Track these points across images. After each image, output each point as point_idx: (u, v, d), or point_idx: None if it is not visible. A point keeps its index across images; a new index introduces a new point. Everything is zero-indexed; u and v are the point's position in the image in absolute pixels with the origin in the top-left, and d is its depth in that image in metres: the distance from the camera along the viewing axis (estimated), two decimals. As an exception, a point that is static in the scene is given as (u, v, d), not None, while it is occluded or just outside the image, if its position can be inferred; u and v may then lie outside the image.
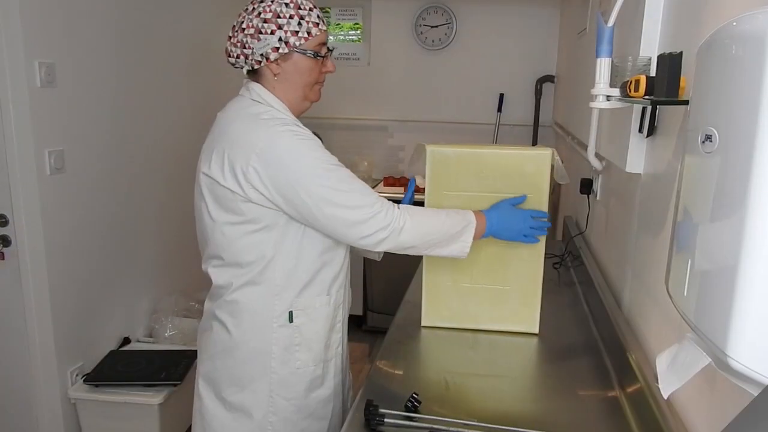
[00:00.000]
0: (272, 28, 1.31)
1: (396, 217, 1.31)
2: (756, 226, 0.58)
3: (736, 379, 0.64)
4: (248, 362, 1.39)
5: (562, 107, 3.29)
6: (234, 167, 1.28)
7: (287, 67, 1.35)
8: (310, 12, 1.34)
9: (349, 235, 1.32)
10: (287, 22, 1.31)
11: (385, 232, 1.31)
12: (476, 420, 1.20)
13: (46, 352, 2.24)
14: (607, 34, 1.27)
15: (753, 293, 0.59)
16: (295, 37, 1.32)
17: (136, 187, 2.67)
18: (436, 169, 1.54)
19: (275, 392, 1.39)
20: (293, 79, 1.37)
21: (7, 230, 2.13)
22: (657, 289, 1.29)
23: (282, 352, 1.38)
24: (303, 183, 1.26)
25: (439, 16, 3.87)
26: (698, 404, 1.04)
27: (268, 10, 1.31)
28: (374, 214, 1.30)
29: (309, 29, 1.33)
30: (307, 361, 1.40)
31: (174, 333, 2.70)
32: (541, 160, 1.49)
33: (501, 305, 1.60)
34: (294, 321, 1.38)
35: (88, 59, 2.33)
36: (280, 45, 1.32)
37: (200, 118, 3.17)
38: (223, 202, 1.32)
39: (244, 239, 1.33)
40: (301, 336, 1.39)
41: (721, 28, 0.65)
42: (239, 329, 1.39)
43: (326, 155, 1.31)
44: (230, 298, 1.38)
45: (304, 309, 1.38)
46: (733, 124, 0.61)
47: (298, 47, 1.33)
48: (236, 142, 1.29)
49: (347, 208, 1.29)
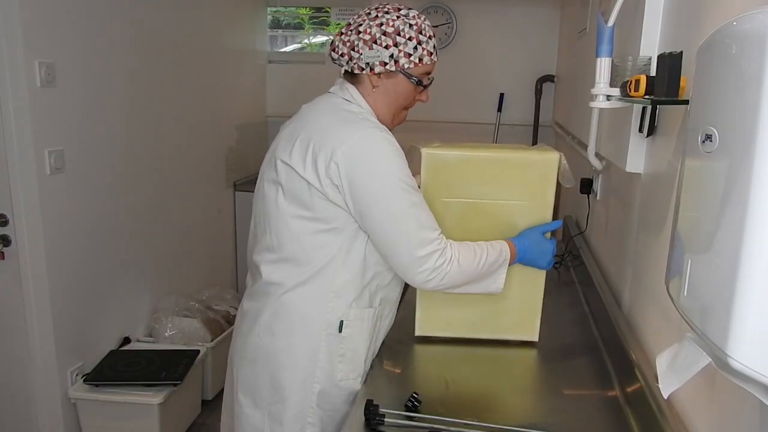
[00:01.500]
0: (388, 43, 1.29)
1: (447, 259, 1.26)
2: (756, 225, 0.57)
3: (736, 379, 0.64)
4: (291, 369, 1.33)
5: (562, 107, 3.29)
6: (317, 159, 1.24)
7: (388, 84, 1.33)
8: (429, 40, 1.32)
9: (401, 264, 1.28)
10: (405, 42, 1.29)
11: (434, 274, 1.26)
12: (476, 420, 1.20)
13: (46, 352, 2.24)
14: (607, 34, 1.27)
15: (753, 293, 0.59)
16: (407, 59, 1.30)
17: (136, 187, 2.67)
18: (431, 174, 1.42)
19: (315, 403, 1.34)
20: (389, 97, 1.35)
21: (7, 230, 2.13)
22: (657, 289, 1.29)
23: (327, 363, 1.33)
24: (379, 193, 1.23)
25: (439, 16, 3.87)
26: (698, 404, 1.04)
27: (391, 24, 1.29)
28: (432, 251, 1.25)
29: (422, 56, 1.31)
30: (348, 373, 1.35)
31: (174, 333, 2.70)
32: (547, 165, 1.40)
33: (500, 313, 1.52)
34: (343, 331, 1.33)
35: (88, 59, 2.33)
36: (390, 62, 1.30)
37: (201, 117, 3.17)
38: (297, 194, 1.28)
39: (309, 237, 1.29)
40: (346, 347, 1.34)
41: (721, 28, 0.65)
42: (287, 334, 1.33)
43: (410, 174, 1.27)
44: (282, 299, 1.33)
45: (354, 319, 1.34)
46: (733, 124, 0.61)
47: (405, 69, 1.31)
48: (326, 135, 1.26)
49: (409, 238, 1.24)
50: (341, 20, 3.99)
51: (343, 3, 3.96)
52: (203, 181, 3.26)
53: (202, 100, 3.15)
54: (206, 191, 3.31)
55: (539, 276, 1.49)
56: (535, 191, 1.41)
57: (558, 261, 2.24)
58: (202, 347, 2.65)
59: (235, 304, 3.05)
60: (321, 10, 4.00)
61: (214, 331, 2.80)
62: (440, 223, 1.38)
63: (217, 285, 3.18)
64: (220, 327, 2.87)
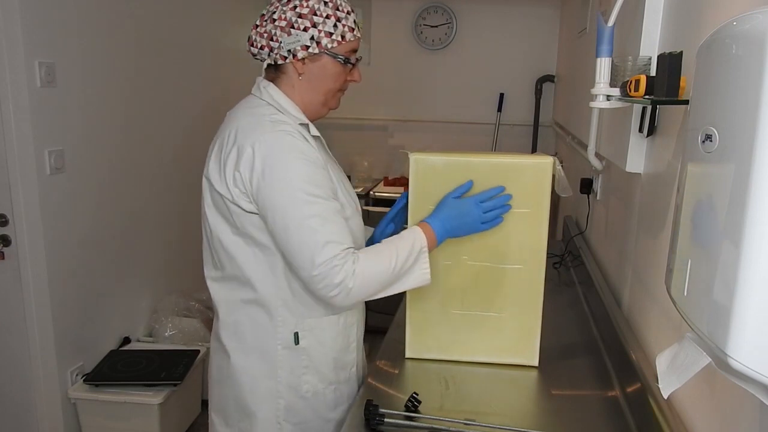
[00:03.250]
0: (306, 25, 1.23)
1: (349, 274, 1.16)
2: (756, 225, 0.57)
3: (736, 379, 0.64)
4: (253, 388, 1.30)
5: (562, 107, 3.29)
6: (225, 169, 1.20)
7: (314, 68, 1.27)
8: (347, 15, 1.27)
9: (302, 278, 1.19)
10: (323, 21, 1.23)
11: (337, 288, 1.16)
12: (476, 420, 1.20)
13: (46, 352, 2.24)
14: (607, 34, 1.27)
15: (753, 293, 0.59)
16: (329, 38, 1.24)
17: (136, 187, 2.67)
18: (420, 180, 1.35)
19: (282, 418, 1.30)
20: (317, 82, 1.29)
21: (7, 230, 2.13)
22: (657, 289, 1.29)
23: (288, 376, 1.29)
24: (277, 203, 1.17)
25: (439, 16, 3.87)
26: (698, 404, 1.04)
27: (305, 5, 1.23)
28: (330, 267, 1.15)
29: (344, 33, 1.26)
30: (316, 384, 1.31)
31: (174, 333, 2.70)
32: (540, 170, 1.32)
33: (495, 335, 1.43)
34: (300, 343, 1.28)
35: (88, 59, 2.33)
36: (311, 44, 1.24)
37: (200, 118, 3.17)
38: (220, 208, 1.25)
39: (242, 253, 1.25)
40: (309, 359, 1.29)
41: (721, 28, 0.65)
42: (243, 353, 1.30)
43: (318, 182, 1.19)
44: (231, 318, 1.30)
45: (311, 330, 1.29)
46: (733, 124, 0.61)
47: (329, 50, 1.25)
48: (233, 143, 1.21)
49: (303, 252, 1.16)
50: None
51: (343, 3, 3.95)
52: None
53: (202, 100, 3.15)
54: (206, 191, 3.30)
55: (537, 294, 1.40)
56: (529, 198, 1.34)
57: (558, 261, 2.25)
58: (202, 347, 2.65)
59: (235, 304, 3.05)
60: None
61: (214, 331, 2.81)
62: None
63: (217, 285, 3.18)
64: (220, 327, 2.87)
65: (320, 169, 1.21)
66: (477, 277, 1.41)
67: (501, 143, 3.95)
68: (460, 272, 1.41)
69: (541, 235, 1.36)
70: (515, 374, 1.43)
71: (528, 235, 1.37)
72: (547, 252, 1.40)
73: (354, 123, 4.06)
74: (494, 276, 1.40)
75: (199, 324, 2.76)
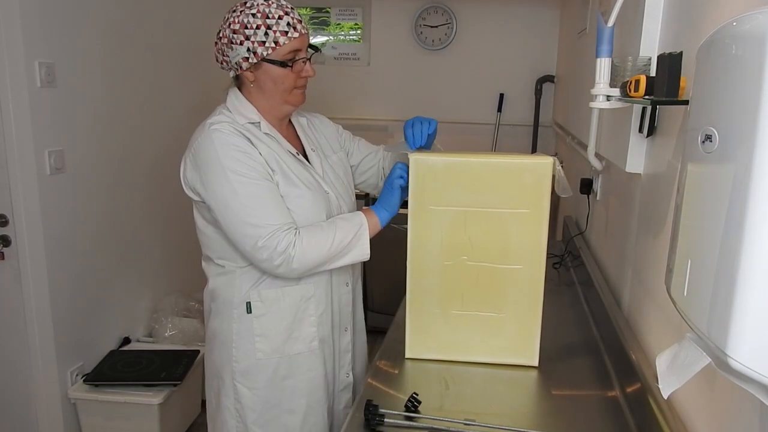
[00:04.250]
0: (241, 39, 1.33)
1: (291, 244, 1.31)
2: (756, 225, 0.58)
3: (736, 379, 0.64)
4: (217, 351, 1.48)
5: (562, 107, 3.29)
6: (182, 172, 1.40)
7: (260, 75, 1.38)
8: (278, 21, 1.33)
9: (245, 252, 1.35)
10: (254, 32, 1.32)
11: (279, 259, 1.31)
12: (476, 420, 1.20)
13: (46, 352, 2.24)
14: (607, 34, 1.27)
15: (753, 293, 0.59)
16: (263, 47, 1.33)
17: (135, 187, 2.67)
18: (419, 181, 1.36)
19: (238, 381, 1.44)
20: (268, 87, 1.39)
21: (7, 230, 2.13)
22: (657, 289, 1.29)
23: (242, 342, 1.43)
24: (216, 188, 1.32)
25: (439, 16, 3.87)
26: (698, 404, 1.04)
27: (236, 21, 1.33)
28: (271, 241, 1.30)
29: (276, 39, 1.33)
30: (268, 353, 1.43)
31: (174, 333, 2.70)
32: (540, 170, 1.32)
33: (495, 335, 1.43)
34: (252, 311, 1.42)
35: (88, 59, 2.33)
36: (249, 55, 1.34)
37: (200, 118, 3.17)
38: (195, 202, 1.43)
39: (213, 236, 1.43)
40: (261, 327, 1.43)
41: (721, 28, 0.65)
42: (212, 319, 1.49)
43: (251, 165, 1.32)
44: (208, 288, 1.51)
45: (263, 300, 1.42)
46: (733, 124, 0.61)
47: (267, 57, 1.34)
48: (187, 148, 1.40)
49: (245, 227, 1.31)
50: (341, 20, 3.99)
51: (343, 3, 3.96)
52: (203, 181, 3.25)
53: (202, 100, 3.15)
54: (206, 191, 3.30)
55: (537, 294, 1.40)
56: (529, 198, 1.34)
57: (558, 261, 2.25)
58: (202, 347, 2.65)
59: (235, 304, 3.05)
60: (321, 10, 4.00)
61: (214, 331, 2.80)
62: (430, 231, 1.36)
63: (217, 285, 3.18)
64: (220, 327, 2.87)
65: (252, 157, 1.34)
66: (477, 277, 1.41)
67: (501, 143, 3.95)
68: (460, 272, 1.41)
69: (541, 235, 1.36)
70: (515, 374, 1.43)
71: (528, 236, 1.37)
72: (547, 252, 1.39)
73: (354, 123, 4.06)
74: (494, 276, 1.40)
75: (199, 324, 2.76)
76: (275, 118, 1.45)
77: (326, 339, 1.51)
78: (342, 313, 1.56)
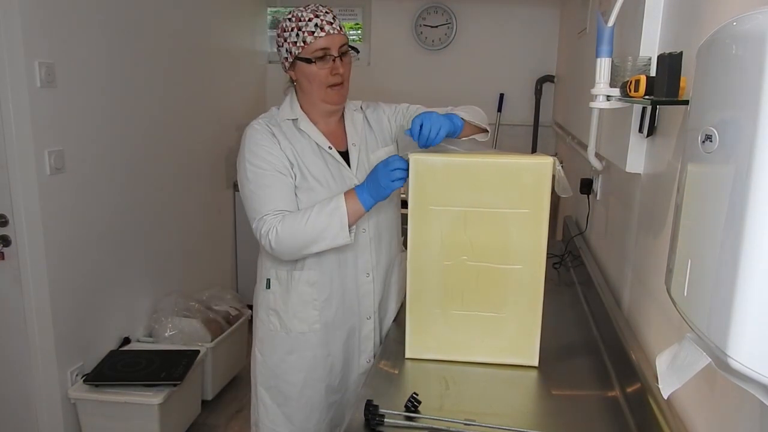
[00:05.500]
0: (281, 42, 1.51)
1: (271, 228, 1.46)
2: (756, 225, 0.57)
3: (736, 379, 0.64)
4: (255, 321, 1.68)
5: (562, 107, 3.29)
6: None
7: (297, 74, 1.53)
8: (308, 22, 1.47)
9: (253, 228, 1.53)
10: (289, 35, 1.49)
11: (264, 240, 1.48)
12: (476, 420, 1.20)
13: (46, 352, 2.24)
14: (607, 34, 1.27)
15: (753, 293, 0.59)
16: (295, 47, 1.48)
17: (135, 187, 2.67)
18: (419, 180, 1.37)
19: (257, 347, 1.66)
20: (305, 85, 1.53)
21: (7, 230, 2.13)
22: (657, 289, 1.29)
23: (262, 313, 1.63)
24: (241, 172, 1.53)
25: (439, 16, 3.87)
26: (698, 404, 1.04)
27: (279, 26, 1.52)
28: (261, 224, 1.48)
29: (304, 38, 1.46)
30: (277, 327, 1.60)
31: (174, 333, 2.70)
32: (540, 170, 1.32)
33: (495, 334, 1.43)
34: (270, 287, 1.60)
35: (88, 59, 2.33)
36: (287, 55, 1.51)
37: (200, 118, 3.17)
38: None
39: None
40: (274, 303, 1.59)
41: (721, 28, 0.65)
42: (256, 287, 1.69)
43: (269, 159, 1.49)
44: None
45: (278, 279, 1.59)
46: (733, 124, 0.61)
47: (299, 56, 1.49)
48: None
49: (250, 212, 1.52)
50: (341, 20, 3.98)
51: (344, 3, 3.96)
52: (203, 181, 3.26)
53: (202, 100, 3.15)
54: (206, 191, 3.31)
55: (537, 294, 1.40)
56: (529, 198, 1.34)
57: (558, 261, 2.25)
58: (202, 347, 2.65)
59: (235, 304, 3.04)
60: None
61: (213, 331, 2.80)
62: (430, 231, 1.37)
63: (217, 285, 3.18)
64: (219, 327, 2.86)
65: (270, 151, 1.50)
66: (477, 277, 1.41)
67: (501, 143, 3.95)
68: (460, 272, 1.41)
69: (541, 235, 1.36)
70: (515, 374, 1.43)
71: (528, 236, 1.37)
72: (547, 252, 1.40)
73: (354, 123, 4.06)
74: (494, 276, 1.40)
75: (199, 324, 2.76)
76: (319, 115, 1.58)
77: (333, 323, 1.60)
78: (362, 302, 1.62)
